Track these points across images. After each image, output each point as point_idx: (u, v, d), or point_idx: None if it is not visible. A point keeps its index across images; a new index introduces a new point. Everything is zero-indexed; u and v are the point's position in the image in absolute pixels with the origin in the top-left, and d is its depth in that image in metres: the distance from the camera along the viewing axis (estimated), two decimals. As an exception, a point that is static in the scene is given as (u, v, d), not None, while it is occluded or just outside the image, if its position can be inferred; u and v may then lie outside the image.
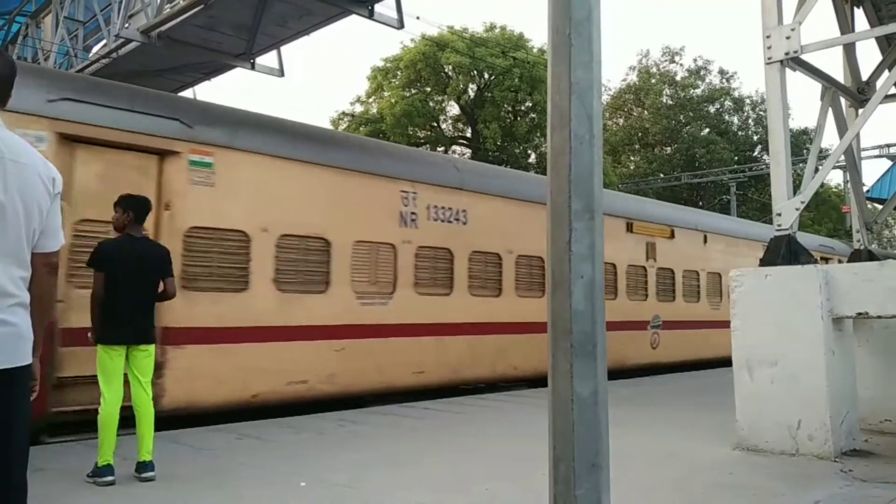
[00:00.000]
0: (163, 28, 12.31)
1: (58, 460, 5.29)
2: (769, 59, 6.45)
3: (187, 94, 15.69)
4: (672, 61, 43.03)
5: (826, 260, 17.67)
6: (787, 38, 6.36)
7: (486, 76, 31.33)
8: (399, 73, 31.45)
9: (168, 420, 6.25)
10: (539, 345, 8.80)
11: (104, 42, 14.55)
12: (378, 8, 11.65)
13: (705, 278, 15.52)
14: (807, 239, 22.54)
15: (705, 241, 15.33)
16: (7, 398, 2.17)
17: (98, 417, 4.68)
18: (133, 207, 5.06)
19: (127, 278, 4.88)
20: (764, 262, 6.32)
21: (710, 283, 15.66)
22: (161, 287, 5.08)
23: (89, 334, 4.85)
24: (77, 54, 15.45)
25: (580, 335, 2.10)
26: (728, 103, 43.00)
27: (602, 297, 2.15)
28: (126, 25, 12.89)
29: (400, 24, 12.12)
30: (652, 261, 13.65)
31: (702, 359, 14.64)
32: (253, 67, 13.82)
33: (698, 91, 42.41)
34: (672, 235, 14.47)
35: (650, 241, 13.65)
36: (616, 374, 10.82)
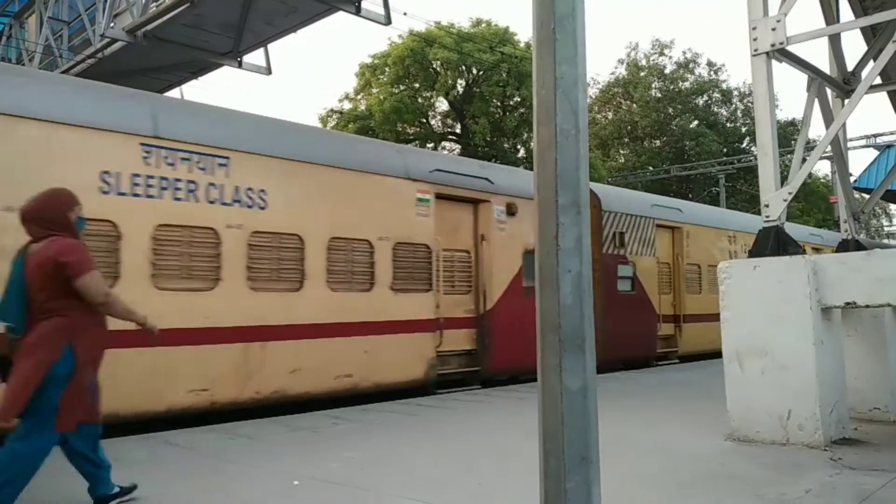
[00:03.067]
0: (149, 27, 12.28)
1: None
2: (755, 50, 6.48)
3: (174, 93, 15.63)
4: (661, 54, 43.18)
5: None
6: (773, 29, 6.38)
7: (475, 71, 31.33)
8: (387, 69, 31.41)
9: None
10: None
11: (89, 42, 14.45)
12: (365, 4, 11.66)
13: None
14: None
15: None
16: None
17: None
18: None
19: None
20: (753, 254, 6.36)
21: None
22: None
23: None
24: (62, 54, 15.34)
25: (569, 330, 2.10)
26: (716, 95, 43.20)
27: (590, 291, 2.16)
28: (111, 25, 12.85)
29: (387, 20, 12.13)
30: None
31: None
32: (240, 66, 13.81)
33: (687, 84, 42.54)
34: None
35: None
36: None
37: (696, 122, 41.22)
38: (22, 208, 4.08)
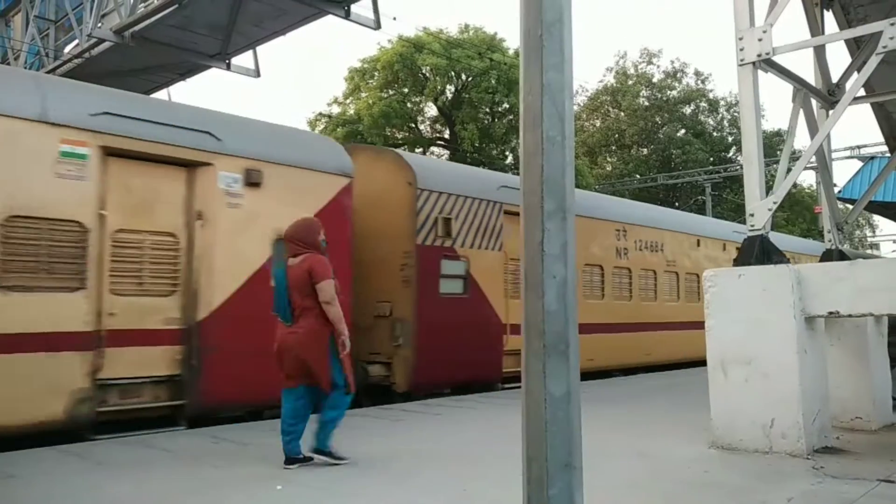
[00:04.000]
0: (136, 28, 12.22)
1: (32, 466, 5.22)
2: (742, 60, 6.52)
3: (161, 94, 15.54)
4: (650, 63, 43.49)
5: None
6: (759, 39, 6.44)
7: (464, 77, 31.40)
8: (376, 74, 31.44)
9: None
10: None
11: (76, 42, 14.36)
12: (354, 8, 11.67)
13: None
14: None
15: None
16: None
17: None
18: None
19: None
20: (737, 263, 6.39)
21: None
22: None
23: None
24: (48, 54, 15.22)
25: (553, 335, 2.10)
26: (703, 104, 43.52)
27: (574, 297, 2.16)
28: (99, 25, 12.76)
29: (377, 25, 12.14)
30: None
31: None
32: (228, 68, 13.76)
33: (674, 93, 42.84)
34: None
35: None
36: None
37: (682, 131, 41.53)
38: (286, 231, 5.52)
